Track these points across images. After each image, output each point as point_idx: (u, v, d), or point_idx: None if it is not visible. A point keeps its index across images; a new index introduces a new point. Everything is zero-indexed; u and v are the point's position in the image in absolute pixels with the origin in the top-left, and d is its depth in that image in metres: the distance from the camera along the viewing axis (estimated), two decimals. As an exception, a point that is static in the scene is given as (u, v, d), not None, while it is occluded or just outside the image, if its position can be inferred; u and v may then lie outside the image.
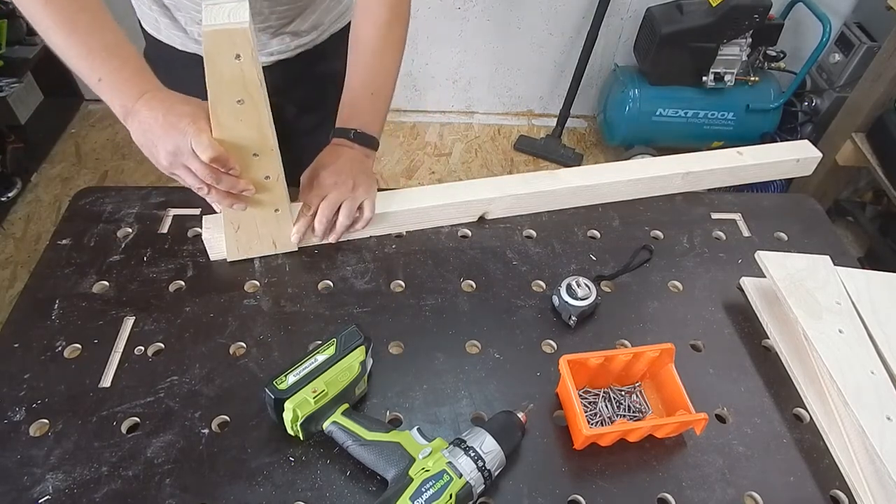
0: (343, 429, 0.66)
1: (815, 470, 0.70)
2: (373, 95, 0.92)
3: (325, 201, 0.85)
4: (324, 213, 0.85)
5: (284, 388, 0.66)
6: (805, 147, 1.02)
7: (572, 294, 0.80)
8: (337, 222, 0.86)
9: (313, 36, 1.05)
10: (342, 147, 0.90)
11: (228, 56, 0.66)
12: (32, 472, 0.64)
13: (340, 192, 0.86)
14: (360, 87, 0.92)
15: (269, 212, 0.82)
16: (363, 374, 0.70)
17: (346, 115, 0.92)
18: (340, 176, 0.86)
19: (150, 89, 0.74)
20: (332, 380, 0.67)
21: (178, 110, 0.71)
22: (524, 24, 2.51)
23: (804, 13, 2.29)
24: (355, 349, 0.70)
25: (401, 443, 0.64)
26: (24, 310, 0.79)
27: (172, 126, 0.70)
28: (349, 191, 0.86)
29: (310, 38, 1.04)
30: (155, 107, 0.71)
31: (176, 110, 0.71)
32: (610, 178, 0.96)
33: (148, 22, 1.03)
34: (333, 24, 1.07)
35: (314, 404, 0.65)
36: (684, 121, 2.40)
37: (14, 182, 2.29)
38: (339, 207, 0.86)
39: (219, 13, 0.65)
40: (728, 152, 1.01)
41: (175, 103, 0.72)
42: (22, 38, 2.39)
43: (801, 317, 0.76)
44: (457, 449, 0.64)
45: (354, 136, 0.90)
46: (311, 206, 0.86)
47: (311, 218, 0.86)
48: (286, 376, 0.67)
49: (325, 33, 1.06)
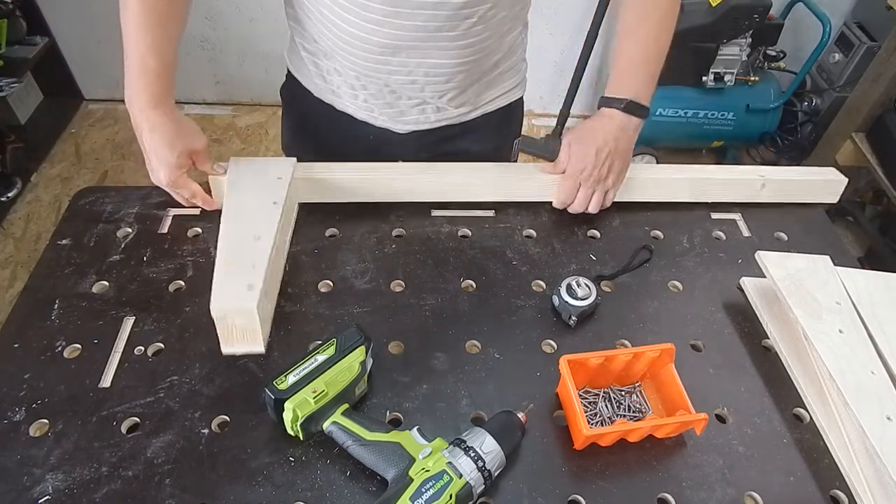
0: (343, 429, 0.66)
1: (815, 470, 0.70)
2: (647, 62, 0.90)
3: (579, 198, 0.92)
4: (576, 208, 0.93)
5: (284, 388, 0.66)
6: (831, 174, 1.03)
7: (572, 294, 0.80)
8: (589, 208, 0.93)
9: (460, 111, 1.02)
10: (612, 119, 0.89)
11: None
12: (32, 472, 0.64)
13: (592, 181, 0.90)
14: (636, 53, 0.90)
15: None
16: (363, 374, 0.70)
17: (618, 83, 0.90)
18: (599, 160, 0.88)
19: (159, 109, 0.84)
20: (332, 380, 0.67)
21: (172, 147, 0.84)
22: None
23: (804, 13, 2.29)
24: (355, 349, 0.70)
25: (401, 443, 0.64)
26: (24, 310, 0.79)
27: (164, 157, 0.84)
28: (602, 178, 0.89)
29: (456, 113, 1.02)
30: (161, 130, 0.84)
31: (174, 147, 0.84)
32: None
33: (294, 63, 1.06)
34: (485, 105, 1.05)
35: (314, 404, 0.65)
36: (684, 121, 2.40)
37: (14, 182, 2.30)
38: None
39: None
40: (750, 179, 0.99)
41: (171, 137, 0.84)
42: (22, 38, 2.39)
43: (801, 317, 0.76)
44: (457, 449, 0.63)
45: (626, 106, 0.88)
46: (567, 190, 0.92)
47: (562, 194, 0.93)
48: (286, 376, 0.67)
49: (473, 112, 1.04)
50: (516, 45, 1.02)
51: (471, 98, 1.01)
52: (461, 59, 0.90)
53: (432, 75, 0.91)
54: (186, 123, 0.87)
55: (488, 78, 1.00)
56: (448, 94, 0.96)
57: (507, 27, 0.93)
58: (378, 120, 1.01)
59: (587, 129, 0.91)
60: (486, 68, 0.97)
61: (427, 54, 0.88)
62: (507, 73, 1.04)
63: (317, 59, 0.98)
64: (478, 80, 0.98)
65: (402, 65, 0.89)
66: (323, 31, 0.90)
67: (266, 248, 0.77)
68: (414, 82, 0.92)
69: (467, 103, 1.01)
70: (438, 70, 0.90)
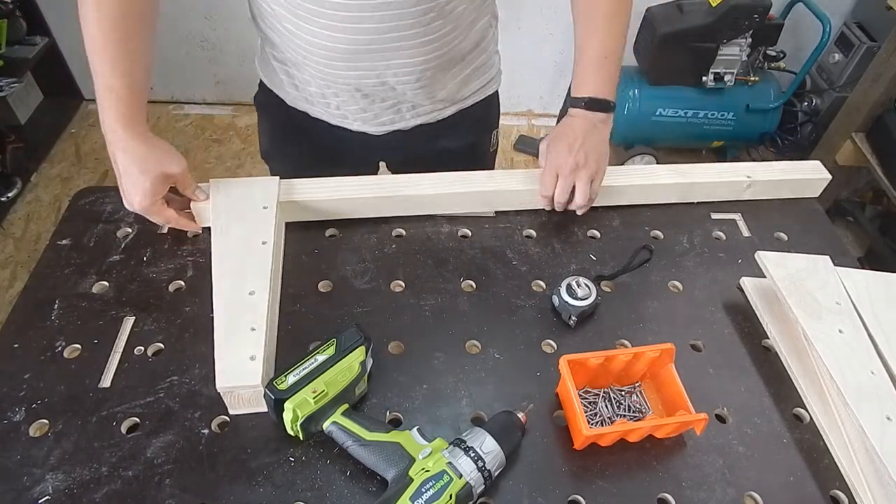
0: (343, 429, 0.66)
1: (815, 470, 0.70)
2: (606, 59, 0.90)
3: (559, 189, 0.89)
4: (559, 202, 0.90)
5: (284, 388, 0.66)
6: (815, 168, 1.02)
7: (572, 294, 0.80)
8: (576, 204, 0.91)
9: (436, 109, 1.02)
10: (577, 118, 0.91)
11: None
12: (32, 472, 0.64)
13: (571, 173, 0.88)
14: (593, 52, 0.91)
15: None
16: (363, 374, 0.70)
17: (580, 83, 0.92)
18: (572, 153, 0.88)
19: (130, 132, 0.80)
20: (332, 380, 0.67)
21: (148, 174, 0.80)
22: (524, 25, 2.51)
23: (804, 13, 2.29)
24: (355, 349, 0.70)
25: (401, 443, 0.64)
26: (24, 310, 0.79)
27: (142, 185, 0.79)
28: (579, 167, 0.88)
29: (432, 110, 1.02)
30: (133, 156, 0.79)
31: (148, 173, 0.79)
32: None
33: (266, 73, 1.05)
34: (462, 102, 1.04)
35: (314, 404, 0.65)
36: (684, 121, 2.40)
37: (14, 182, 2.30)
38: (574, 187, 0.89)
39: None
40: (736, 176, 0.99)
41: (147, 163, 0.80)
42: (22, 38, 2.39)
43: (801, 317, 0.76)
44: (457, 449, 0.63)
45: (588, 103, 0.90)
46: (546, 183, 0.90)
47: (549, 200, 0.91)
48: (286, 376, 0.67)
49: (450, 108, 1.04)
50: (486, 39, 1.02)
51: (448, 94, 1.01)
52: (427, 56, 0.90)
53: (401, 75, 0.91)
54: (160, 146, 0.82)
55: (461, 73, 1.00)
56: (420, 92, 0.96)
57: (472, 18, 0.93)
58: (354, 125, 1.01)
59: (558, 130, 0.92)
60: (454, 61, 0.96)
61: (393, 55, 0.88)
62: (480, 67, 1.04)
63: (287, 68, 0.98)
64: (449, 73, 0.98)
65: (369, 68, 0.89)
66: (287, 42, 0.90)
67: (262, 303, 0.75)
68: (384, 83, 0.92)
69: (444, 100, 1.01)
70: (406, 69, 0.90)
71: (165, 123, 2.69)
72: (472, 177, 0.95)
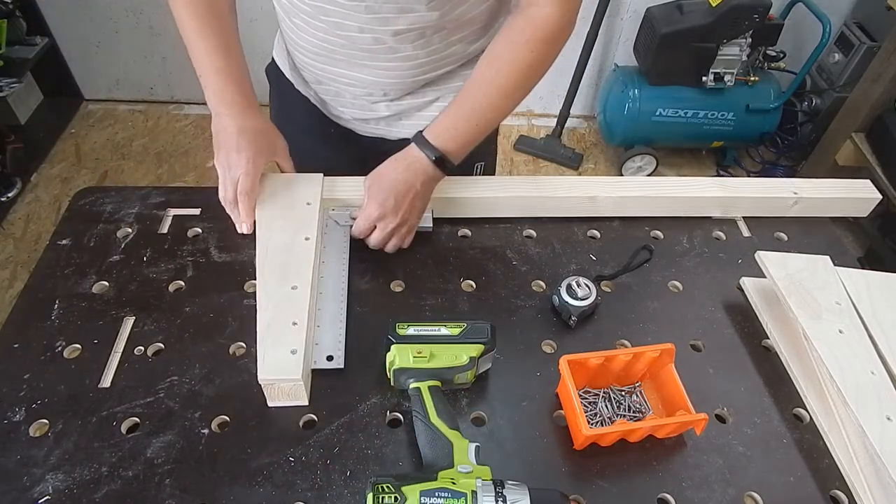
0: (420, 399, 0.68)
1: (815, 470, 0.70)
2: (477, 124, 0.85)
3: (373, 240, 0.86)
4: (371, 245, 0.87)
5: (401, 335, 0.71)
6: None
7: (572, 294, 0.80)
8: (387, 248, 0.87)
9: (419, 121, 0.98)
10: (417, 163, 0.84)
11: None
12: (32, 472, 0.64)
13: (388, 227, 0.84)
14: (471, 109, 0.85)
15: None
16: (469, 367, 0.71)
17: (441, 129, 0.85)
18: (400, 203, 0.83)
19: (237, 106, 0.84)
20: (439, 354, 0.70)
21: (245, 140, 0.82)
22: (524, 24, 2.51)
23: (804, 13, 2.29)
24: (475, 344, 0.71)
25: (453, 444, 0.64)
26: (24, 310, 0.79)
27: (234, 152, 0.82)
28: (398, 224, 0.84)
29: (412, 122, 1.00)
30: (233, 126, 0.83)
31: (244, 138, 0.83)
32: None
33: (279, 53, 1.08)
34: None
35: (411, 362, 0.69)
36: (684, 121, 2.40)
37: (14, 182, 2.30)
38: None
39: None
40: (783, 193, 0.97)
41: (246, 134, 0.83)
42: (22, 38, 2.39)
43: (801, 317, 0.76)
44: (491, 487, 0.60)
45: (437, 160, 0.84)
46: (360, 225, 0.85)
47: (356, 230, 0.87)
48: (409, 326, 0.72)
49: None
50: (475, 51, 0.96)
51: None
52: (404, 72, 0.91)
53: (382, 85, 0.93)
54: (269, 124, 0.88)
55: (449, 83, 0.98)
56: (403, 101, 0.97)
57: (456, 37, 0.90)
58: (348, 124, 1.04)
59: (389, 173, 0.85)
60: (442, 75, 0.96)
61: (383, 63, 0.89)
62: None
63: (293, 54, 1.01)
64: (440, 83, 0.97)
65: (351, 78, 0.92)
66: (292, 35, 0.94)
67: (304, 298, 0.75)
68: (370, 94, 0.95)
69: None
70: (385, 81, 0.92)
71: (165, 123, 2.68)
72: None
